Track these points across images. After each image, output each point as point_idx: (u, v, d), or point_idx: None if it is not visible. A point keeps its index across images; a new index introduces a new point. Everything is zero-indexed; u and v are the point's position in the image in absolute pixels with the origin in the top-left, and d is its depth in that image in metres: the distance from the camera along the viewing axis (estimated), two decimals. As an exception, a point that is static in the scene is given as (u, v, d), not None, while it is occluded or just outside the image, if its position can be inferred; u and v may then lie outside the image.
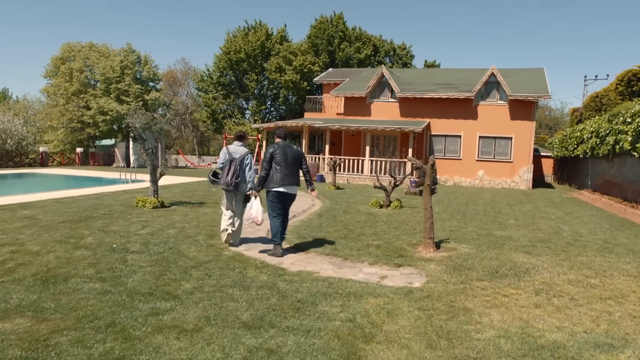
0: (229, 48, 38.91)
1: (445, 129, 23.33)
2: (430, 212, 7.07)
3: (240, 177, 6.83)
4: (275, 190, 6.49)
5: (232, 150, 6.98)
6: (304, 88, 36.27)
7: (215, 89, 40.68)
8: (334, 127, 22.19)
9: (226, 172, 6.83)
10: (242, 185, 6.91)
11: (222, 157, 6.96)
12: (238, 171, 6.80)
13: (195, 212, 10.52)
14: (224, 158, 6.92)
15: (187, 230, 8.26)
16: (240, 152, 6.96)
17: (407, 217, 10.98)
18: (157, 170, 11.36)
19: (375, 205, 12.55)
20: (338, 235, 8.26)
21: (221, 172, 6.97)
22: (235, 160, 6.84)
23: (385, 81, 24.15)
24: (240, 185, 6.88)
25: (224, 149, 7.08)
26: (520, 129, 22.27)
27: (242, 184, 6.90)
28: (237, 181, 6.80)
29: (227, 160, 6.88)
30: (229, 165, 6.83)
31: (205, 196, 13.87)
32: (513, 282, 5.44)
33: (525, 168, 22.33)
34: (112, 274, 5.37)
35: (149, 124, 10.86)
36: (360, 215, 11.05)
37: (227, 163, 6.87)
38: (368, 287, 5.14)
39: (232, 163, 6.83)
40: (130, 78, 31.59)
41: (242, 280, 5.29)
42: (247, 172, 6.95)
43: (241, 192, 6.99)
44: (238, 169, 6.80)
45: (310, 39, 39.21)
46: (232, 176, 6.76)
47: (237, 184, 6.82)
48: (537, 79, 23.96)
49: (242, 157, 6.93)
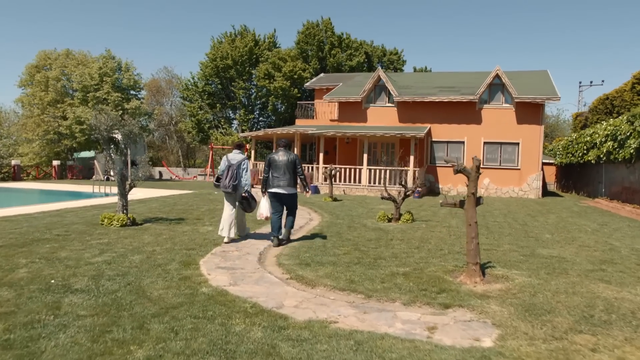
0: (215, 54, 37.20)
1: (447, 134, 21.76)
2: (475, 230, 5.36)
3: (237, 181, 7.63)
4: (271, 191, 7.56)
5: (230, 157, 7.80)
6: (294, 95, 34.61)
7: (201, 97, 38.87)
8: (328, 134, 20.49)
9: (225, 176, 7.64)
10: (239, 187, 7.69)
11: (223, 164, 7.78)
12: (235, 175, 7.60)
13: (171, 231, 8.72)
14: (224, 165, 7.74)
15: (157, 256, 6.46)
16: (237, 159, 7.77)
17: (425, 232, 9.26)
18: (127, 181, 9.54)
19: (383, 218, 10.84)
20: (350, 259, 6.51)
21: (222, 178, 7.73)
22: (232, 166, 7.65)
23: (382, 85, 22.57)
24: (238, 187, 7.67)
25: (224, 157, 7.87)
26: (528, 133, 20.77)
27: (239, 186, 7.68)
28: (234, 184, 7.60)
29: (226, 167, 7.69)
30: (227, 171, 7.65)
31: (186, 211, 12.05)
32: (629, 333, 3.72)
33: (534, 175, 20.80)
34: (26, 334, 3.56)
35: (116, 126, 9.08)
36: (368, 231, 9.32)
37: (226, 169, 7.68)
38: (417, 349, 3.39)
39: (230, 169, 7.65)
40: (109, 86, 29.72)
41: (225, 340, 3.52)
42: (244, 175, 7.72)
43: (238, 193, 7.73)
44: (235, 173, 7.60)
45: (299, 45, 37.64)
46: (230, 180, 7.57)
47: (235, 186, 7.62)
48: (542, 81, 22.56)
49: (238, 163, 7.72)
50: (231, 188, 7.57)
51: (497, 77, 21.02)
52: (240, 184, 7.68)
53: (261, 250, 7.20)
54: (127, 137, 9.51)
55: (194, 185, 26.03)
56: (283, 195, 7.58)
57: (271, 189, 7.50)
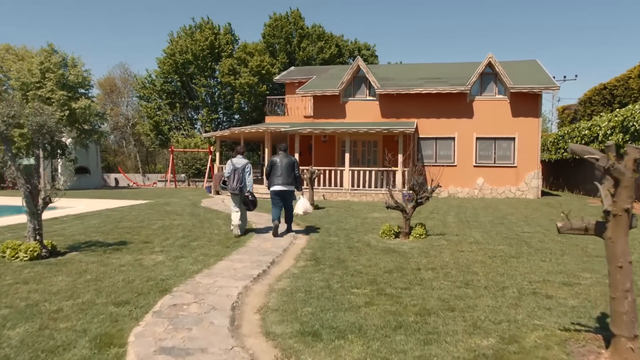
0: (173, 49, 34.03)
1: (436, 130, 19.57)
2: (629, 276, 2.96)
3: (243, 183, 8.45)
4: (272, 189, 8.74)
5: (235, 162, 8.51)
6: (262, 92, 31.89)
7: (159, 96, 35.65)
8: (304, 132, 17.96)
9: (232, 179, 8.42)
10: (244, 189, 8.46)
11: (228, 169, 8.54)
12: (241, 178, 8.43)
13: (102, 266, 6.03)
14: (230, 169, 8.49)
15: (59, 325, 3.84)
16: (241, 163, 8.52)
17: (454, 255, 6.88)
18: (39, 194, 6.76)
19: (388, 234, 8.41)
20: (380, 317, 4.03)
21: (228, 181, 8.47)
22: (238, 170, 8.43)
23: (362, 76, 20.20)
24: (243, 189, 8.46)
25: (229, 161, 8.63)
26: (525, 127, 18.81)
27: (244, 188, 8.46)
28: (241, 186, 8.42)
29: (231, 170, 8.44)
30: (233, 174, 8.41)
31: (132, 230, 9.29)
32: None
33: (532, 173, 18.84)
34: None
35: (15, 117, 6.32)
36: (379, 254, 6.87)
37: (231, 172, 8.43)
38: None
39: (235, 172, 8.42)
40: (53, 83, 26.29)
41: None
42: (247, 177, 8.51)
43: (243, 194, 8.47)
44: (241, 176, 8.45)
45: (265, 39, 34.94)
46: (237, 182, 8.39)
47: (241, 188, 8.41)
48: (535, 70, 20.69)
49: (243, 166, 8.50)
50: (238, 190, 8.36)
51: (490, 65, 19.00)
52: (245, 186, 8.43)
53: (234, 298, 4.64)
54: (39, 132, 6.75)
55: (151, 193, 23.02)
56: (284, 192, 8.72)
57: (272, 187, 8.70)
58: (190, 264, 6.21)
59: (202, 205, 14.73)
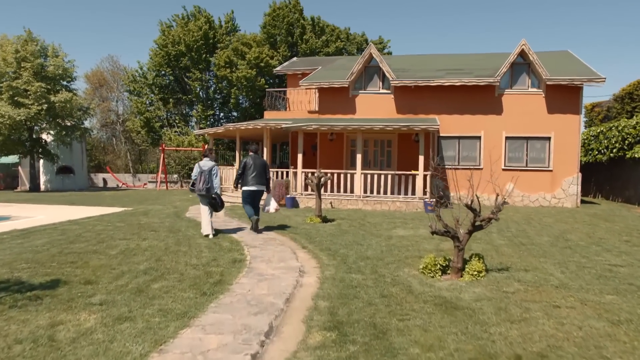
0: (165, 40, 31.51)
1: (459, 128, 17.09)
2: None
3: (209, 184, 8.76)
4: (245, 189, 9.41)
5: (202, 164, 8.87)
6: (261, 87, 29.38)
7: (151, 91, 33.14)
8: (309, 128, 15.47)
9: (199, 181, 8.76)
10: (211, 190, 8.80)
11: (195, 171, 8.85)
12: (207, 179, 8.76)
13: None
14: (197, 171, 8.80)
15: None
16: (208, 165, 8.86)
17: (559, 321, 4.43)
18: None
19: (433, 269, 5.96)
20: None
21: (196, 182, 8.78)
22: (204, 172, 8.76)
23: (374, 66, 17.72)
24: (210, 190, 8.79)
25: (197, 165, 8.95)
26: (562, 125, 16.33)
27: (211, 189, 8.79)
28: (207, 187, 8.74)
29: (198, 173, 8.76)
30: (200, 176, 8.75)
31: (82, 256, 6.81)
32: None
33: (570, 178, 16.37)
34: None
35: None
36: (433, 315, 4.42)
37: (198, 175, 8.76)
38: None
39: (202, 174, 8.75)
40: (30, 73, 23.80)
41: None
42: (215, 179, 8.85)
43: (210, 195, 8.79)
44: (207, 178, 8.76)
45: (265, 29, 32.40)
46: (204, 183, 8.72)
47: (208, 189, 8.75)
48: (570, 61, 18.24)
49: (209, 168, 8.82)
50: (205, 191, 8.76)
51: (522, 54, 16.52)
52: (212, 187, 8.82)
53: None
54: None
55: (136, 196, 20.53)
56: (256, 192, 9.53)
57: (246, 187, 9.43)
58: (133, 339, 3.77)
59: (186, 216, 12.25)
